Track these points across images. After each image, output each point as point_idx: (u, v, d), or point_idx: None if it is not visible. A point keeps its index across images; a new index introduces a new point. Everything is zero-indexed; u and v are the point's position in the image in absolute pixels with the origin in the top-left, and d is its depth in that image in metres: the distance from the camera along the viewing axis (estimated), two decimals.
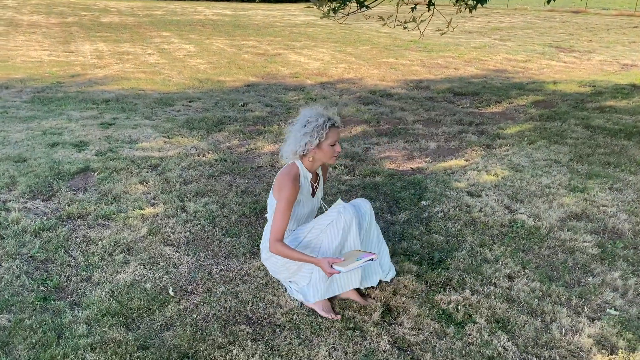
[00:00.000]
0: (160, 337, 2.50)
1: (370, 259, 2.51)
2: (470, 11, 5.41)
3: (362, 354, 2.41)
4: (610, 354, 2.46)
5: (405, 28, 5.06)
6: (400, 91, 8.74)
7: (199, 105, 7.43)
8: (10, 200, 3.94)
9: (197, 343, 2.44)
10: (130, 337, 2.46)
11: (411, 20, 4.98)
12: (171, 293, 2.83)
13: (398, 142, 5.84)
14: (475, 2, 5.27)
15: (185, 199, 4.07)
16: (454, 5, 5.73)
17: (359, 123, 6.62)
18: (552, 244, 3.49)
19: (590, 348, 2.49)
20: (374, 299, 2.84)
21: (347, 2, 5.23)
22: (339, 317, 2.65)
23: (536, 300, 2.85)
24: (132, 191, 4.21)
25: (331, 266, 2.49)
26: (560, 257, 3.32)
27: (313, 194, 2.90)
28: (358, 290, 2.85)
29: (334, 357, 2.37)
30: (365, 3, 5.23)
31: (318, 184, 2.94)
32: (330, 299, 2.79)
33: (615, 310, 2.79)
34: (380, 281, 2.90)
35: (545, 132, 6.21)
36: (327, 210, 2.79)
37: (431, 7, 5.29)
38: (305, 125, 2.70)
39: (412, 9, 5.29)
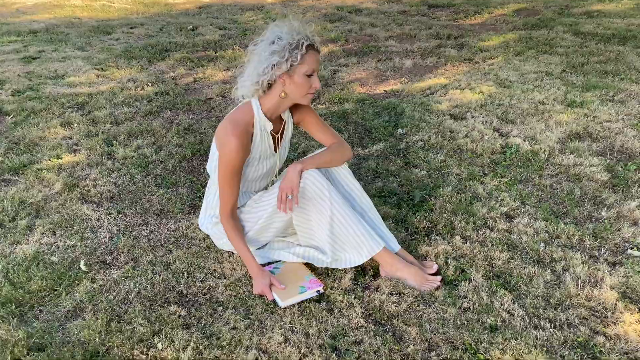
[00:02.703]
0: (64, 330, 1.90)
1: (317, 291, 2.03)
2: None
3: (329, 334, 1.85)
4: None
5: None
6: (370, 5, 7.87)
7: (141, 31, 6.51)
8: None
9: (112, 336, 1.85)
10: (21, 333, 1.85)
11: None
12: (83, 267, 2.21)
13: (369, 61, 5.12)
14: None
15: (115, 142, 3.36)
16: None
17: (324, 43, 5.84)
18: (554, 172, 2.93)
19: (615, 304, 1.97)
20: None
21: None
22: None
23: (542, 244, 2.31)
24: (51, 136, 3.48)
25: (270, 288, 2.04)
26: (565, 187, 2.77)
27: (276, 148, 2.20)
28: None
29: (292, 343, 1.81)
30: None
31: (283, 133, 2.21)
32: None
33: (638, 249, 2.28)
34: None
35: (532, 42, 5.53)
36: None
37: None
38: (274, 42, 1.93)
39: None
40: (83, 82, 4.55)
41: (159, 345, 1.79)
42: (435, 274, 2.13)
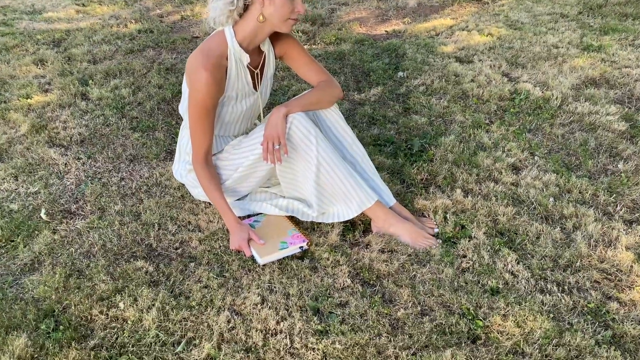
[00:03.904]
0: (18, 286, 1.72)
1: (300, 247, 1.82)
2: None
3: (311, 295, 1.66)
4: None
5: None
6: None
7: None
8: None
9: (70, 293, 1.66)
10: None
11: None
12: (43, 216, 2.01)
13: (370, 0, 4.76)
14: None
15: (90, 82, 3.10)
16: None
17: None
18: (567, 120, 2.68)
19: (631, 266, 1.78)
20: None
21: None
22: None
23: (552, 199, 2.09)
24: (22, 74, 3.22)
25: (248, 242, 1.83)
26: (578, 137, 2.53)
27: (256, 86, 1.94)
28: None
29: (269, 304, 1.63)
30: None
31: (264, 68, 1.94)
32: None
33: None
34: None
35: None
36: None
37: None
38: None
39: None
40: (62, 18, 4.24)
41: (121, 305, 1.61)
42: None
